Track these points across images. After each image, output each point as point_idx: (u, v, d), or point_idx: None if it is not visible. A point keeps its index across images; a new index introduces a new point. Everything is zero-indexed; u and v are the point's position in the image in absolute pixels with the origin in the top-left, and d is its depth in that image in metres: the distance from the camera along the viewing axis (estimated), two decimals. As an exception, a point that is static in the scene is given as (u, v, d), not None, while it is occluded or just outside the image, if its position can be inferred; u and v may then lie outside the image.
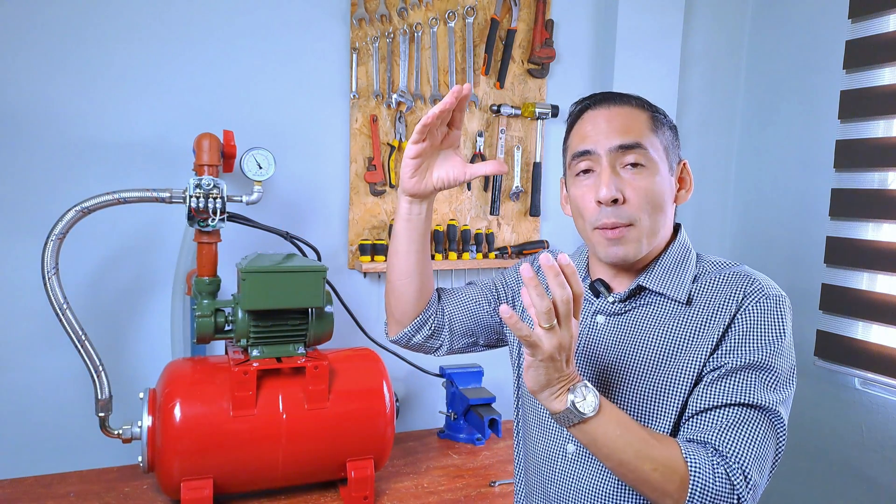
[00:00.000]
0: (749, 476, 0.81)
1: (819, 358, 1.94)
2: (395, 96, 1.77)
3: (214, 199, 1.32)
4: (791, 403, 0.90)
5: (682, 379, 0.90)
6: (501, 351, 1.24)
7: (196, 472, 1.26)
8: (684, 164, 1.00)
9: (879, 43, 1.78)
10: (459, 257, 1.85)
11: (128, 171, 1.55)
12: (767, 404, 0.85)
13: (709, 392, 0.87)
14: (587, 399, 0.81)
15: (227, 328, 1.35)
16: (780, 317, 0.89)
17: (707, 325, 0.91)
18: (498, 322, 1.16)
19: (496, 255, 1.92)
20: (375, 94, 1.75)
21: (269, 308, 1.30)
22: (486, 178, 1.91)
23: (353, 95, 1.73)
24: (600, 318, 0.99)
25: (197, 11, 1.58)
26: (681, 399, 0.89)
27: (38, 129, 1.49)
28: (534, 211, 1.97)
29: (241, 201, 1.40)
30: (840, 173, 1.90)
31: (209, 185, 1.32)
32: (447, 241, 1.85)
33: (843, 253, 1.87)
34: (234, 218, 1.39)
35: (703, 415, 0.87)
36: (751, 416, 0.85)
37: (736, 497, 0.80)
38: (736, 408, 0.85)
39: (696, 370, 0.89)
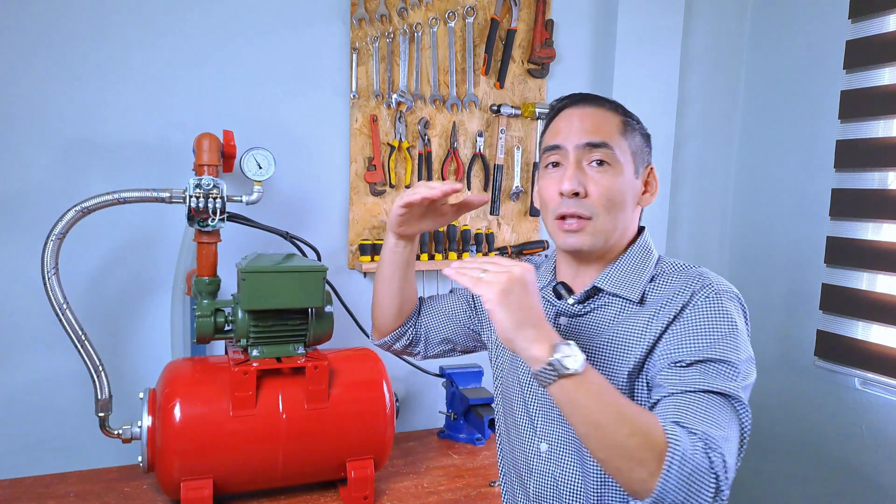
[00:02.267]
0: (726, 458, 0.77)
1: (819, 358, 1.94)
2: (395, 96, 1.77)
3: (214, 199, 1.32)
4: (749, 395, 0.87)
5: (624, 371, 0.92)
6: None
7: (196, 472, 1.26)
8: (651, 168, 1.03)
9: (879, 43, 1.78)
10: (459, 257, 1.85)
11: (128, 171, 1.55)
12: (729, 392, 0.83)
13: (667, 381, 0.85)
14: (574, 355, 0.77)
15: (227, 328, 1.35)
16: (729, 309, 0.89)
17: (654, 318, 0.93)
18: (472, 328, 1.23)
19: (496, 254, 1.92)
20: (375, 94, 1.75)
21: (269, 308, 1.30)
22: (486, 179, 1.91)
23: (353, 95, 1.73)
24: (563, 320, 1.03)
25: (197, 11, 1.58)
26: (624, 391, 0.91)
27: (38, 129, 1.49)
28: (534, 211, 1.97)
29: (241, 201, 1.41)
30: (840, 173, 1.90)
31: (209, 185, 1.32)
32: (447, 240, 1.85)
33: (844, 253, 1.87)
34: (234, 218, 1.40)
35: (664, 401, 0.84)
36: (715, 401, 0.82)
37: (714, 476, 0.74)
38: (698, 394, 0.83)
39: (636, 361, 0.92)
